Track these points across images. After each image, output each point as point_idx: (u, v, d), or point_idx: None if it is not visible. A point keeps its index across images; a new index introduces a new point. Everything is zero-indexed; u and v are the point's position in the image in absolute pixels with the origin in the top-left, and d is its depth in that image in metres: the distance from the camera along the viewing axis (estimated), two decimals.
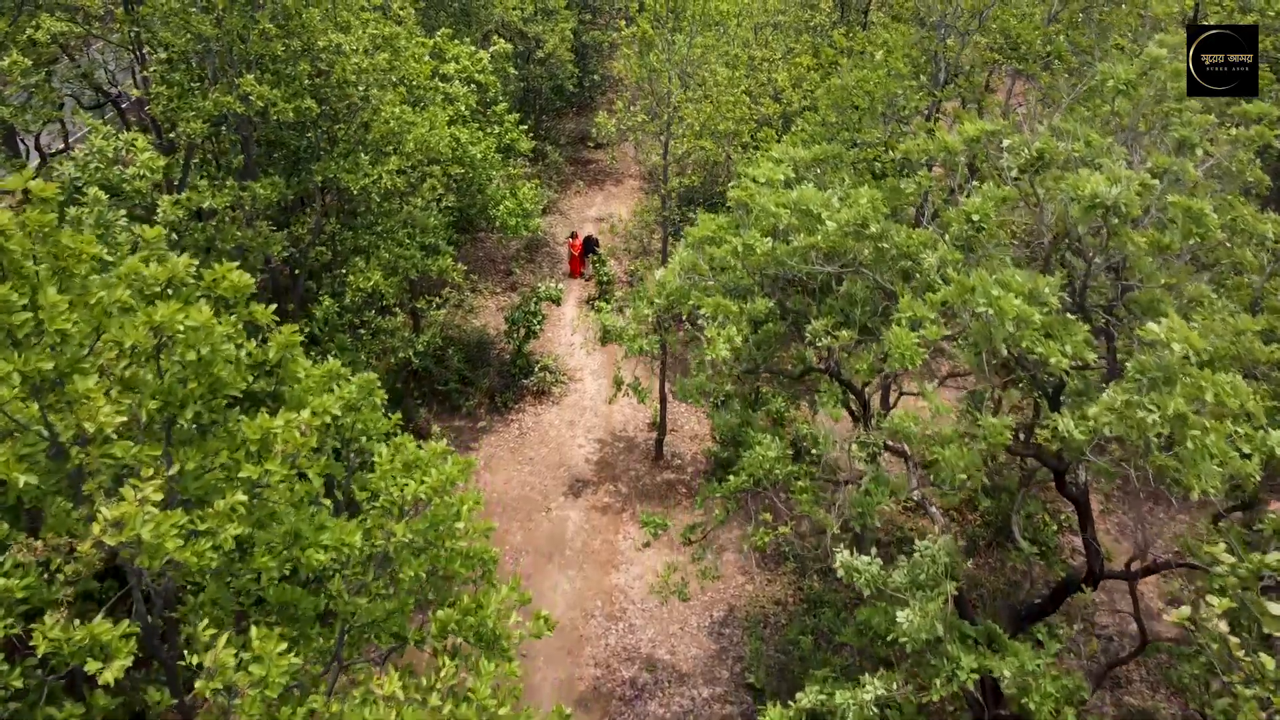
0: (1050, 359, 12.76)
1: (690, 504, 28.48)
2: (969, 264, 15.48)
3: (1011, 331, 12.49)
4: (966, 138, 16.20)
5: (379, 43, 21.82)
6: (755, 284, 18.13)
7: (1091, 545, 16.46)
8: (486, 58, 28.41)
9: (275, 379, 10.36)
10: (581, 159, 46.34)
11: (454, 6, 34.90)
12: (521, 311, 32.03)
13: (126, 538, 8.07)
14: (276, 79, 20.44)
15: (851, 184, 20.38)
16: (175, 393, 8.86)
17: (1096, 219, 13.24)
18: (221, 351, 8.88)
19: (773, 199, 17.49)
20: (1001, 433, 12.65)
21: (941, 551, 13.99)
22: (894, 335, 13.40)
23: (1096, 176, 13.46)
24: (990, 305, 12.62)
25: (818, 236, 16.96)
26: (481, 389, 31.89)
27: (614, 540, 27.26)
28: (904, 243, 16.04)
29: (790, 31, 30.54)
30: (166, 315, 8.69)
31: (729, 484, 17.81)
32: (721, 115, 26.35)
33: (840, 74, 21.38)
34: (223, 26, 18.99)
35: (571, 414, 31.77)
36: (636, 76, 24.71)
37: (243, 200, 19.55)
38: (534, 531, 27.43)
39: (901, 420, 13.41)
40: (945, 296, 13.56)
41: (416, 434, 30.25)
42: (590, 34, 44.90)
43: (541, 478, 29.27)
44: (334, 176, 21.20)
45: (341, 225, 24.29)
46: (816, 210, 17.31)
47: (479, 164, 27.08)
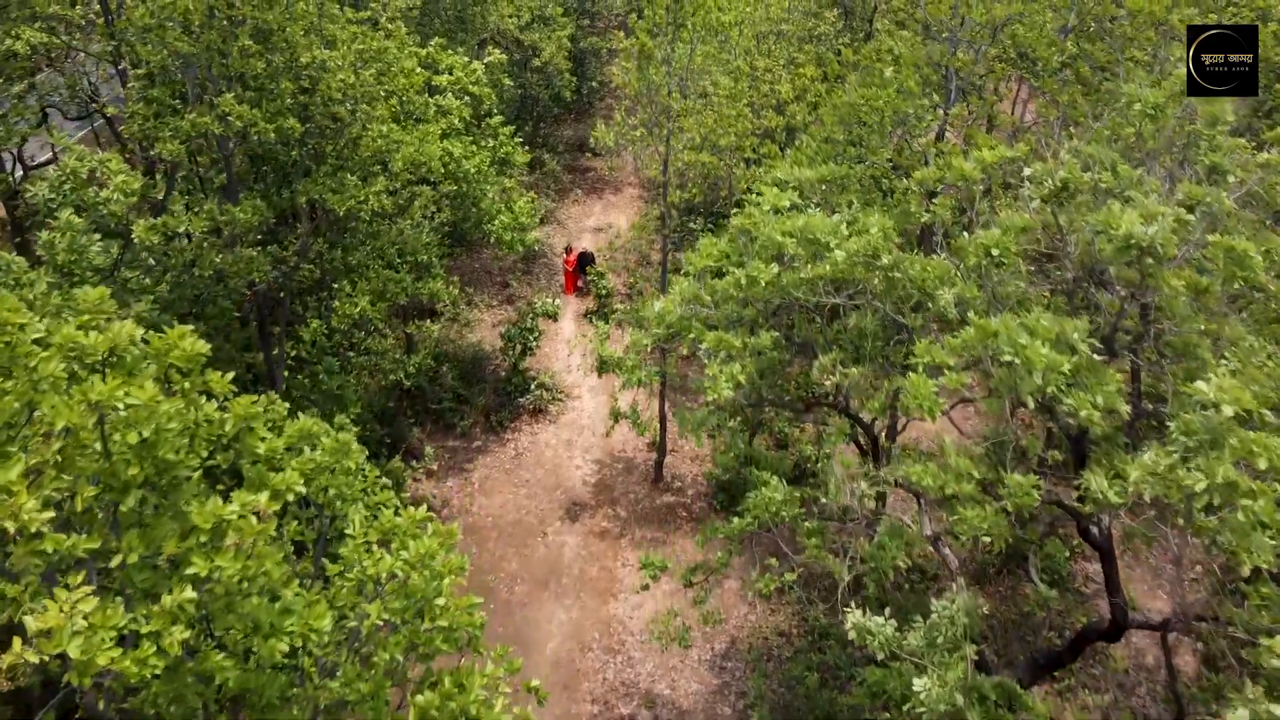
0: (1080, 411, 11.71)
1: (691, 528, 27.43)
2: (988, 300, 14.43)
3: (1039, 384, 11.43)
4: (984, 164, 15.13)
5: (367, 58, 20.73)
6: (759, 314, 17.09)
7: (1116, 595, 15.41)
8: (481, 69, 27.31)
9: (235, 452, 9.33)
10: (580, 166, 45.20)
11: (449, 14, 33.77)
12: (518, 328, 30.96)
13: (54, 650, 7.05)
14: (259, 96, 19.37)
15: (859, 206, 19.34)
16: (117, 476, 7.85)
17: (1130, 259, 12.17)
18: (167, 432, 7.85)
19: (778, 226, 16.43)
20: (1028, 493, 11.60)
21: (960, 612, 12.95)
22: (912, 384, 12.35)
23: (1129, 213, 12.39)
24: (1017, 354, 11.56)
25: (825, 267, 15.90)
26: (477, 407, 30.81)
27: (612, 567, 26.21)
28: (918, 275, 14.99)
29: (794, 40, 29.44)
30: (105, 393, 7.65)
31: (733, 525, 16.78)
32: (723, 129, 25.28)
33: (846, 88, 20.30)
34: (200, 42, 17.91)
35: (569, 433, 30.70)
36: (635, 90, 23.61)
37: (221, 225, 18.48)
38: (530, 558, 26.39)
39: (918, 474, 12.35)
40: (966, 341, 12.50)
41: (409, 455, 29.21)
42: (588, 40, 43.77)
43: (538, 501, 28.22)
44: (319, 197, 20.13)
45: (330, 244, 23.23)
46: (824, 239, 16.26)
47: (472, 178, 26.02)
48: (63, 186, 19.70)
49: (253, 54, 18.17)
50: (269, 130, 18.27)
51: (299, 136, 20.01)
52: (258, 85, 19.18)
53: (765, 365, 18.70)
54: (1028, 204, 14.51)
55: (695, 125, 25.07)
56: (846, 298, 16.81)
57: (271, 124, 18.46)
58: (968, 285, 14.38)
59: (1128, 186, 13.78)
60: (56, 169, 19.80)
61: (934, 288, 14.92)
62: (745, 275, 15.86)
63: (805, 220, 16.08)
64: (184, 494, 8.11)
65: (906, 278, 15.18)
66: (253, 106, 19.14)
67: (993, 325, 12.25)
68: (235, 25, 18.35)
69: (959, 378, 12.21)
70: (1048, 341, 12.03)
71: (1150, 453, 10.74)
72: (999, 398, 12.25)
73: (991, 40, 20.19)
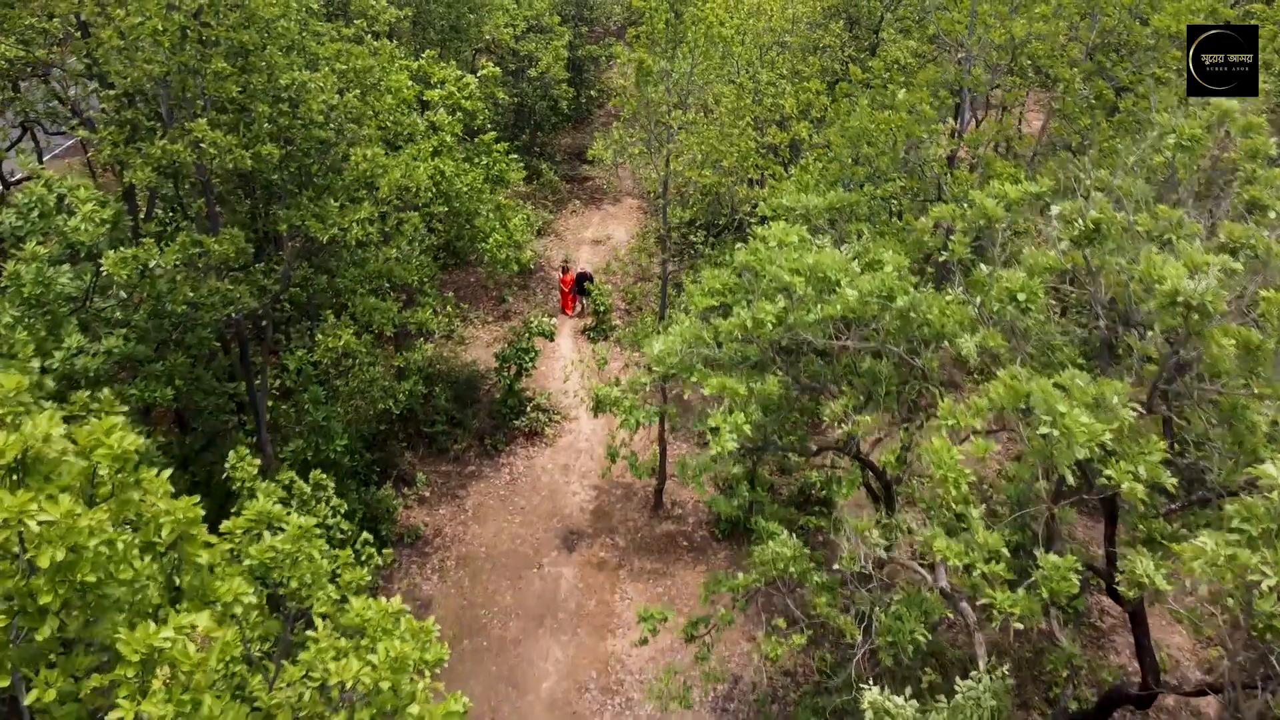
0: (1122, 484, 10.54)
1: (692, 559, 26.27)
2: (1012, 347, 13.25)
3: (1080, 457, 10.25)
4: (1007, 201, 13.93)
5: (351, 78, 19.52)
6: (765, 355, 15.91)
7: (1148, 660, 14.25)
8: (474, 83, 26.07)
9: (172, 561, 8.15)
10: (578, 176, 43.90)
11: (443, 24, 32.52)
12: (513, 349, 29.74)
13: None
14: (237, 119, 18.16)
15: (870, 236, 18.15)
16: (30, 601, 6.69)
17: (1175, 316, 10.98)
18: (88, 550, 6.68)
19: (786, 263, 15.24)
20: (1066, 578, 10.42)
21: (988, 694, 11.78)
22: (935, 451, 11.16)
23: (1172, 264, 11.20)
24: (1055, 424, 10.37)
25: (836, 306, 14.72)
26: (470, 430, 29.62)
27: (610, 601, 25.03)
28: (937, 320, 13.80)
29: (798, 52, 28.19)
30: (13, 508, 6.50)
31: (738, 581, 15.61)
32: (725, 148, 24.08)
33: (856, 110, 19.08)
34: (172, 64, 16.69)
35: (566, 457, 29.51)
36: (633, 108, 22.39)
37: (194, 258, 17.28)
38: (524, 591, 25.21)
39: (941, 549, 11.15)
40: (995, 401, 11.33)
41: (400, 481, 28.03)
42: (586, 48, 42.47)
43: (533, 529, 27.03)
44: (301, 224, 18.95)
45: (315, 269, 22.04)
46: (835, 276, 15.08)
47: (464, 197, 24.83)
48: (30, 214, 18.49)
49: (228, 76, 16.95)
50: (245, 157, 17.06)
51: (280, 160, 18.84)
52: (235, 108, 17.97)
53: (768, 402, 17.55)
54: (1055, 244, 13.31)
55: (696, 143, 23.86)
56: (859, 339, 15.64)
57: (249, 150, 17.25)
58: (991, 332, 13.18)
59: (1166, 230, 12.58)
60: (21, 194, 18.59)
61: (954, 333, 13.74)
62: (750, 317, 14.68)
63: (815, 257, 14.89)
64: (109, 619, 6.94)
65: (923, 320, 14.00)
66: (230, 131, 17.95)
67: (1024, 385, 11.06)
68: (210, 46, 17.13)
69: (986, 444, 11.02)
70: (1084, 403, 10.85)
71: (1207, 538, 9.55)
72: (1029, 464, 11.06)
73: (1010, 60, 18.95)
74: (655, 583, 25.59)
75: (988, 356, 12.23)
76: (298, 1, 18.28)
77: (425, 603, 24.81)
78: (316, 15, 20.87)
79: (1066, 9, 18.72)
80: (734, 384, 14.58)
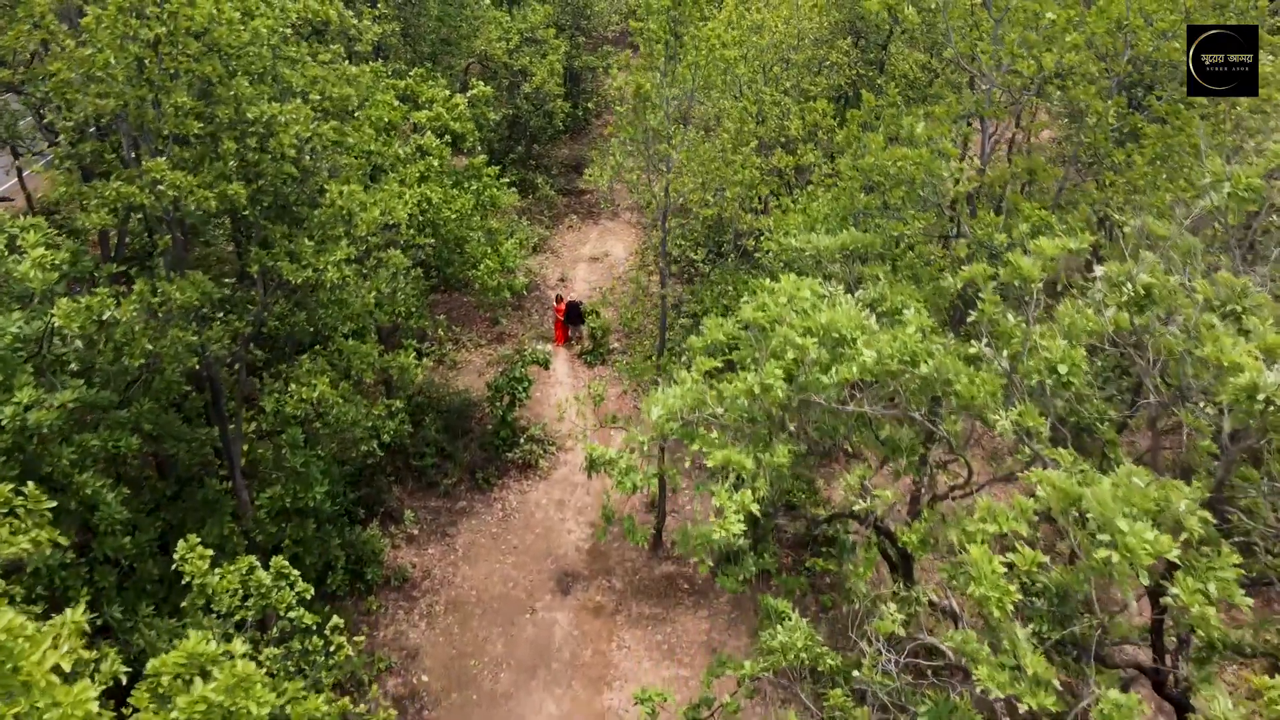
0: (1192, 607, 9.04)
1: (694, 602, 24.77)
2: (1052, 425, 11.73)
3: (1145, 584, 8.74)
4: (1045, 259, 12.40)
5: (327, 106, 17.97)
6: (773, 419, 14.38)
7: None
8: (463, 103, 24.51)
9: None
10: (575, 189, 42.22)
11: (433, 37, 30.92)
12: (506, 378, 28.20)
13: None
14: (200, 155, 16.60)
15: (887, 281, 16.62)
16: None
17: (1252, 411, 9.45)
18: None
19: (798, 322, 13.71)
20: (1128, 717, 8.91)
21: None
22: (975, 562, 9.63)
23: (1244, 348, 9.68)
24: (1115, 542, 8.86)
25: (853, 369, 13.20)
26: (461, 463, 28.07)
27: (606, 650, 23.53)
28: (965, 390, 12.27)
29: (804, 70, 26.60)
30: None
31: (744, 670, 14.10)
32: (729, 174, 22.54)
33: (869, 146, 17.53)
34: (127, 97, 15.12)
35: (561, 491, 27.98)
36: (629, 134, 20.82)
37: (154, 307, 15.74)
38: (517, 638, 23.72)
39: (984, 675, 9.61)
40: (1044, 502, 9.82)
41: (387, 518, 26.51)
42: (584, 59, 40.83)
43: (526, 571, 25.52)
44: (272, 265, 17.42)
45: (294, 305, 20.48)
46: (850, 334, 13.56)
47: (452, 224, 23.31)
48: None
49: (189, 111, 15.39)
50: (209, 198, 15.51)
51: (252, 195, 17.30)
52: (200, 143, 16.41)
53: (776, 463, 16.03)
54: (1101, 309, 11.78)
55: (698, 167, 22.30)
56: (876, 399, 14.12)
57: (213, 190, 15.70)
58: (1029, 408, 11.66)
59: (1230, 299, 11.04)
60: None
61: (985, 405, 12.22)
62: (758, 383, 13.15)
63: (828, 315, 13.35)
64: None
65: (950, 390, 12.48)
66: (195, 167, 16.39)
67: (1076, 489, 9.54)
68: (171, 78, 15.55)
69: (1034, 554, 9.51)
70: (1147, 511, 9.32)
71: None
72: (1082, 579, 9.56)
73: (1037, 93, 17.42)
74: (654, 629, 24.10)
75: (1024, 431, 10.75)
76: (268, 27, 16.69)
77: (413, 652, 23.32)
78: (291, 40, 19.34)
79: (1100, 39, 17.18)
80: (740, 457, 13.07)
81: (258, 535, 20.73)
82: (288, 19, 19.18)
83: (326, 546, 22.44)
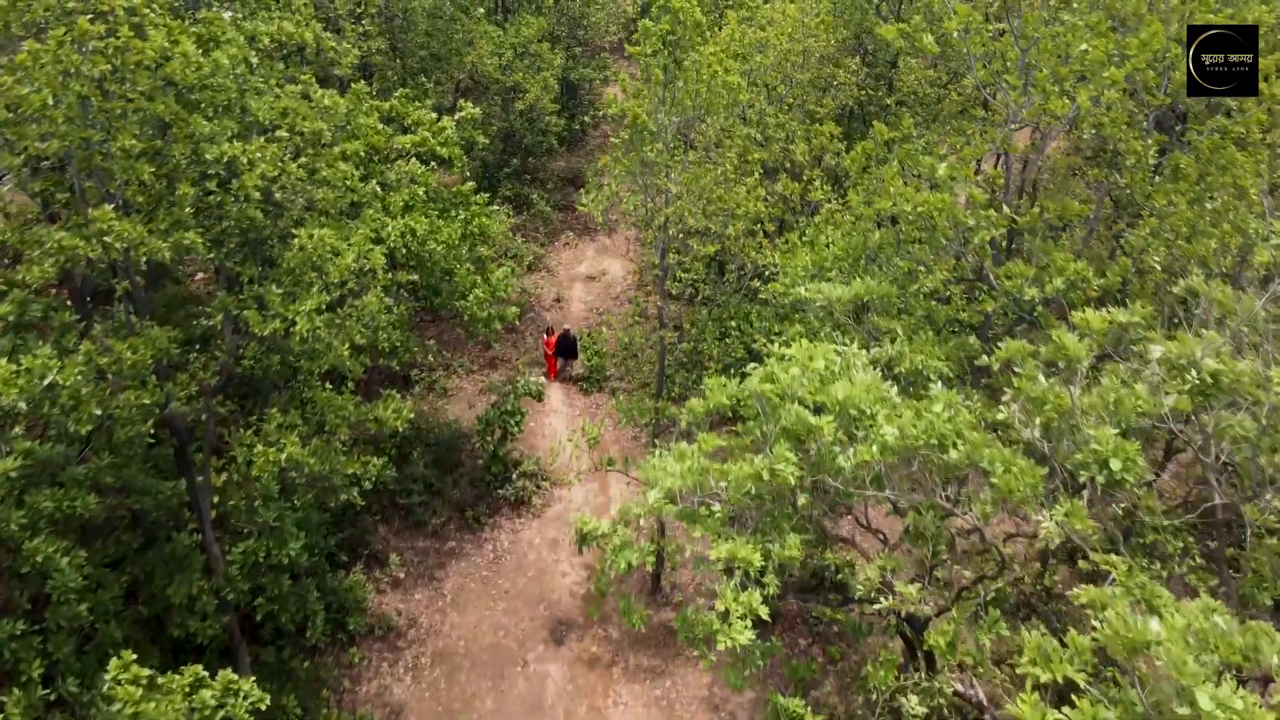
0: None
1: (693, 654, 23.28)
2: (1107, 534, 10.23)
3: None
4: (1092, 334, 10.89)
5: (298, 142, 16.45)
6: (782, 498, 12.88)
7: None
8: (451, 127, 22.95)
9: None
10: (571, 204, 40.47)
11: (422, 53, 29.35)
12: (496, 410, 26.69)
13: None
14: (160, 197, 15.06)
15: (905, 336, 15.10)
16: None
17: None
18: None
19: (809, 392, 12.21)
20: None
21: None
22: (1021, 715, 8.16)
23: None
24: (1192, 708, 7.36)
25: (873, 449, 11.70)
26: (450, 501, 26.53)
27: (602, 707, 22.05)
28: (1003, 483, 10.78)
29: (810, 90, 25.03)
30: None
31: None
32: (730, 201, 21.02)
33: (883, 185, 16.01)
34: (71, 138, 13.60)
35: (555, 530, 26.46)
36: (625, 167, 19.30)
37: (105, 368, 14.23)
38: (507, 694, 22.24)
39: None
40: (1102, 643, 8.33)
41: (372, 561, 25.01)
42: (580, 71, 39.21)
43: (518, 618, 24.03)
44: (238, 314, 15.92)
45: (266, 349, 18.95)
46: (870, 409, 12.06)
47: (438, 255, 21.83)
48: None
49: (140, 154, 13.86)
50: (163, 249, 13.99)
51: (215, 239, 15.79)
52: (154, 186, 14.87)
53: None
54: (1159, 393, 10.28)
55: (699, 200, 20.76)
56: (904, 499, 12.62)
57: (167, 240, 14.18)
58: (1077, 507, 10.16)
59: None
60: None
61: (1024, 499, 10.73)
62: (767, 467, 11.66)
63: (845, 392, 11.84)
64: None
65: (988, 484, 10.98)
66: (149, 213, 14.86)
67: (1140, 632, 8.04)
68: (120, 117, 14.00)
69: (1095, 710, 8.01)
70: (1236, 655, 7.83)
71: None
72: None
73: (1068, 131, 15.96)
74: (653, 684, 22.64)
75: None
76: (230, 58, 15.15)
77: (396, 709, 21.85)
78: (263, 63, 17.81)
79: (1142, 74, 15.66)
80: (747, 551, 11.57)
81: (229, 594, 19.23)
82: (259, 44, 17.68)
83: (304, 601, 20.92)
